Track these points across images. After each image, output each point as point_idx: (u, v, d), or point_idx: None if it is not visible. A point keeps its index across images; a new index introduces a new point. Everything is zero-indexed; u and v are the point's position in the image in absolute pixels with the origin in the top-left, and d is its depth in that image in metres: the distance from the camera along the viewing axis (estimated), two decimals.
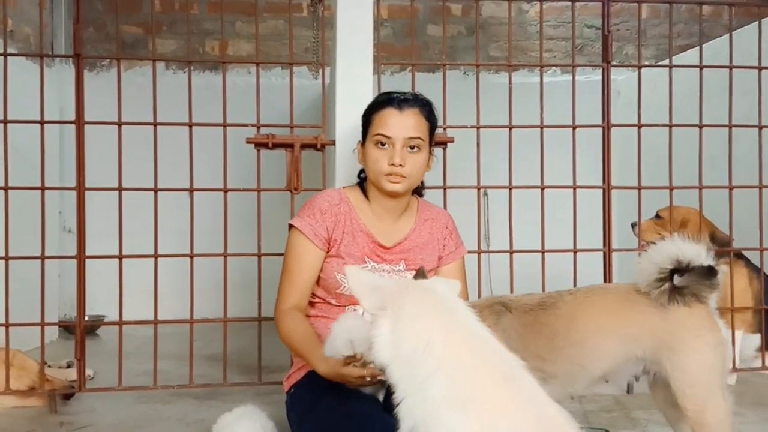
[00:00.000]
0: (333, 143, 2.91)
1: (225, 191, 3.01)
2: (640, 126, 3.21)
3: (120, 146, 2.99)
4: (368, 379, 1.74)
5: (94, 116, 2.98)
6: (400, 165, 2.04)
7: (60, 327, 4.49)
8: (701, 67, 3.25)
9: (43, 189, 2.94)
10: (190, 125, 2.99)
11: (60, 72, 4.79)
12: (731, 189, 3.26)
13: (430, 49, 5.77)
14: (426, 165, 2.14)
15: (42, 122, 2.95)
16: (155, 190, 2.97)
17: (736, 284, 3.29)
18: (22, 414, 2.85)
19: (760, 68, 3.35)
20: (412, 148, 2.06)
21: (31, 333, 3.13)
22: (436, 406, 1.30)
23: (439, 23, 5.60)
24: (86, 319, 3.05)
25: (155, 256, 2.97)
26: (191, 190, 2.99)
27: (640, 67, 3.32)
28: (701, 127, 3.23)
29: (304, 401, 2.03)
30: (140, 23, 5.53)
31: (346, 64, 2.87)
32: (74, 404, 2.94)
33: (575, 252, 3.13)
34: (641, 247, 3.31)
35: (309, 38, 3.28)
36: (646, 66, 4.32)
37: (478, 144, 3.06)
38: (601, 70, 3.23)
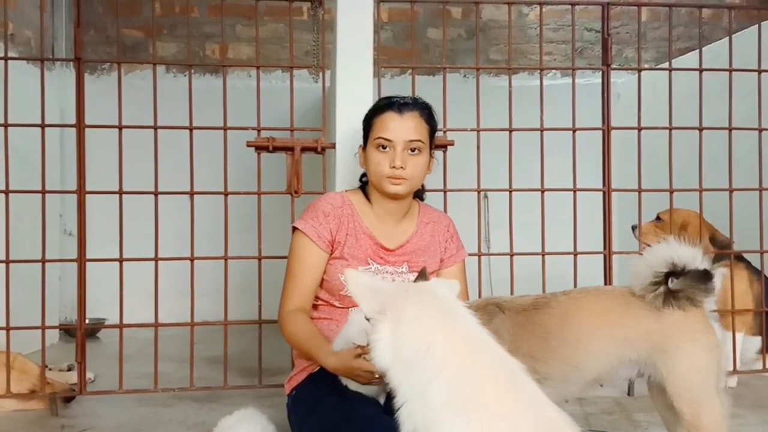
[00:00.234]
0: (333, 146, 2.91)
1: (225, 194, 3.01)
2: (640, 129, 3.22)
3: (120, 149, 2.99)
4: (377, 376, 1.71)
5: (95, 119, 2.99)
6: (401, 167, 2.06)
7: (61, 330, 4.50)
8: (701, 70, 3.26)
9: (44, 192, 2.95)
10: (191, 128, 3.00)
11: (60, 75, 4.79)
12: (731, 191, 3.26)
13: (430, 52, 5.77)
14: (426, 167, 2.16)
15: (43, 125, 2.95)
16: (156, 194, 2.97)
17: (737, 287, 3.29)
18: (23, 417, 2.85)
19: (760, 71, 3.35)
20: (413, 151, 2.08)
21: (32, 336, 3.13)
22: (437, 411, 1.30)
23: (439, 26, 5.60)
24: (87, 322, 3.05)
25: (156, 259, 2.98)
26: (192, 193, 2.99)
27: (640, 70, 3.34)
28: (701, 130, 3.24)
29: (305, 403, 2.03)
30: (141, 26, 5.52)
31: (347, 67, 2.87)
32: (75, 407, 2.94)
33: (575, 255, 3.13)
34: (641, 250, 3.31)
35: (309, 41, 3.27)
36: (646, 69, 4.33)
37: (478, 147, 3.06)
38: (601, 73, 3.24)
